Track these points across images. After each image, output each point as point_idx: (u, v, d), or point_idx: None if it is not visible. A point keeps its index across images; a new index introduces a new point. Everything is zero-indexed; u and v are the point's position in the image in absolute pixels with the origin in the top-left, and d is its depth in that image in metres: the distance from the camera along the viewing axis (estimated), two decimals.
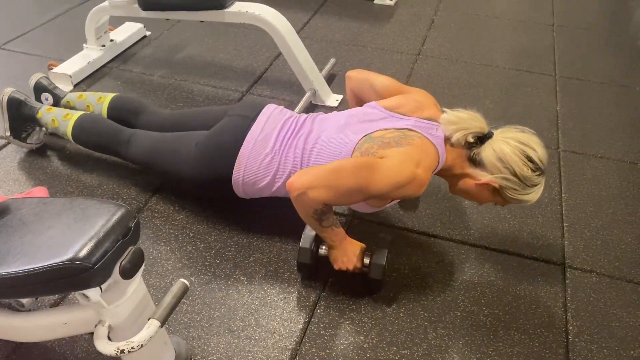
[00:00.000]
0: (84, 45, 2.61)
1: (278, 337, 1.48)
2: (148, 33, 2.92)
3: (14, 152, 2.06)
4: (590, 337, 1.52)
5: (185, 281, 1.18)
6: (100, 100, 2.00)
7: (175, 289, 1.16)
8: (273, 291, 1.60)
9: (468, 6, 3.40)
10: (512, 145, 1.47)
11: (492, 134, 1.53)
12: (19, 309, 1.37)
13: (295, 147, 1.61)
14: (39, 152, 2.06)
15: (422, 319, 1.55)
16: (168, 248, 1.71)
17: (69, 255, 1.03)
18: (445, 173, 1.59)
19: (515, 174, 1.47)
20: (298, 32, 2.46)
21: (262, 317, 1.53)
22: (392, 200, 1.59)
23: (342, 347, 1.46)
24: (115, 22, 2.78)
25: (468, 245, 1.79)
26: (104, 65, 2.62)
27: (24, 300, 1.37)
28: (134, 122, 1.93)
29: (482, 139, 1.52)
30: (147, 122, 1.91)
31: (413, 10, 3.34)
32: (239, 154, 1.63)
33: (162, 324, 1.11)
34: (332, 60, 2.66)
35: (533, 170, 1.47)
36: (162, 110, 1.97)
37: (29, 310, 1.38)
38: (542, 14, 3.36)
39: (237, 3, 2.32)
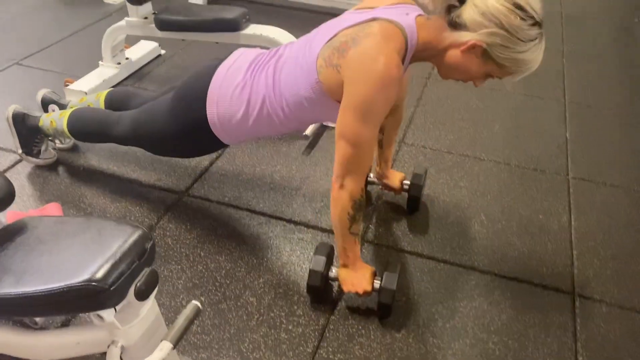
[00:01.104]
0: (100, 62, 2.65)
1: None
2: (163, 52, 2.96)
3: (29, 168, 2.08)
4: None
5: (197, 303, 1.18)
6: (98, 97, 2.05)
7: (187, 311, 1.17)
8: (282, 313, 1.60)
9: None
10: None
11: None
12: (31, 327, 1.38)
13: (266, 72, 1.54)
14: (52, 168, 2.09)
15: (432, 346, 1.54)
16: (179, 267, 1.72)
17: (85, 276, 1.04)
18: (427, 53, 1.43)
19: (502, 26, 1.29)
20: None
21: (271, 339, 1.53)
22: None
23: None
24: (131, 40, 2.82)
25: (477, 271, 1.79)
26: (119, 83, 2.65)
27: (37, 318, 1.38)
28: (127, 107, 1.94)
29: None
30: (137, 104, 1.91)
31: None
32: (209, 89, 1.57)
33: (175, 346, 1.12)
34: None
35: (523, 19, 1.29)
36: (153, 93, 1.97)
37: (41, 327, 1.39)
38: (552, 40, 3.39)
39: (251, 26, 2.35)
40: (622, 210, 2.09)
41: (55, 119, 1.94)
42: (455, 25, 1.36)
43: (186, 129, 1.64)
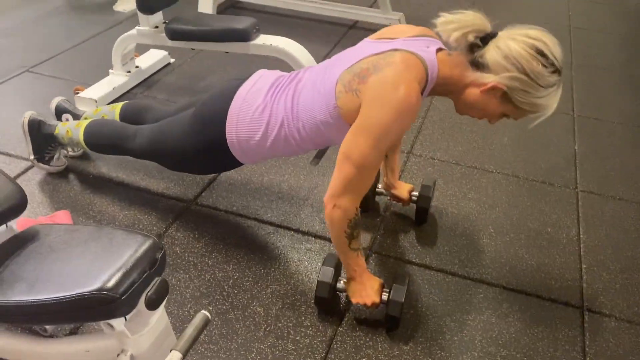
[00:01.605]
0: (110, 70, 2.67)
1: None
2: (172, 60, 2.98)
3: (39, 175, 2.10)
4: None
5: (206, 313, 1.18)
6: (112, 108, 2.06)
7: (197, 320, 1.17)
8: (290, 324, 1.60)
9: None
10: (519, 40, 1.32)
11: (497, 33, 1.37)
12: (41, 334, 1.38)
13: (285, 95, 1.56)
14: (62, 175, 2.10)
15: (439, 359, 1.54)
16: (187, 276, 1.73)
17: (96, 285, 1.04)
18: (446, 88, 1.45)
19: (524, 72, 1.31)
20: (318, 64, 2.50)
21: (278, 350, 1.53)
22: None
23: None
24: (141, 48, 2.85)
25: (486, 284, 1.78)
26: (128, 91, 2.67)
27: (47, 326, 1.39)
28: (143, 121, 1.95)
29: (485, 39, 1.36)
30: (154, 118, 1.93)
31: None
32: (230, 109, 1.59)
33: (184, 356, 1.12)
34: None
35: (545, 66, 1.31)
36: (167, 107, 1.98)
37: (51, 335, 1.39)
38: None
39: (261, 36, 2.37)
40: (631, 223, 2.08)
41: (72, 129, 1.96)
42: (477, 65, 1.38)
43: (204, 147, 1.66)
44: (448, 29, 1.36)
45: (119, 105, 2.05)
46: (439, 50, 1.44)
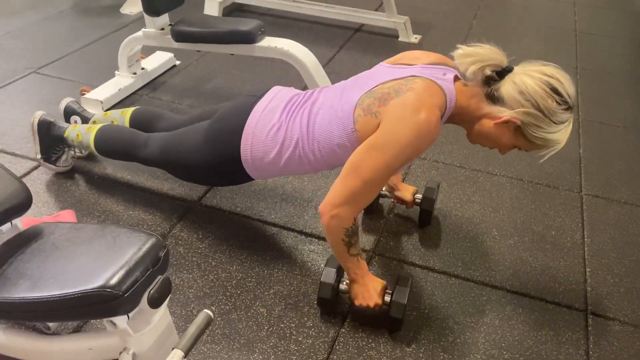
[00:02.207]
0: (116, 72, 2.69)
1: None
2: (178, 62, 3.00)
3: (44, 175, 2.11)
4: None
5: (209, 312, 1.19)
6: (123, 114, 2.06)
7: (199, 320, 1.17)
8: (292, 325, 1.60)
9: None
10: (535, 77, 1.36)
11: (512, 67, 1.42)
12: (45, 332, 1.39)
13: (301, 115, 1.57)
14: (67, 175, 2.11)
15: None
16: (190, 276, 1.73)
17: (100, 282, 1.05)
18: (461, 117, 1.49)
19: (538, 108, 1.35)
20: (323, 67, 2.51)
21: (280, 351, 1.53)
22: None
23: None
24: (147, 50, 2.86)
25: (489, 286, 1.78)
26: (134, 93, 2.68)
27: (51, 323, 1.39)
28: (153, 129, 1.96)
29: (501, 73, 1.41)
30: (164, 127, 1.94)
31: (437, 49, 3.36)
32: (245, 127, 1.61)
33: (186, 355, 1.12)
34: None
35: (559, 104, 1.35)
36: (179, 116, 2.00)
37: (54, 333, 1.40)
38: (565, 57, 3.39)
39: (266, 38, 2.38)
40: (635, 227, 2.07)
41: (82, 133, 1.97)
42: (493, 98, 1.41)
43: (218, 162, 1.67)
44: (466, 62, 1.40)
45: (129, 111, 2.06)
46: (456, 79, 1.47)
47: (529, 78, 1.36)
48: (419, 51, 1.59)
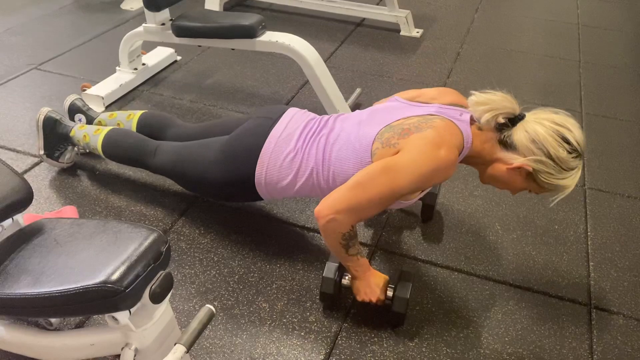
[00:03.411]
0: (117, 68, 2.68)
1: None
2: (179, 58, 2.99)
3: (46, 171, 2.11)
4: None
5: (211, 307, 1.18)
6: (129, 117, 2.05)
7: (201, 315, 1.17)
8: (295, 320, 1.60)
9: (494, 40, 3.43)
10: (546, 126, 1.41)
11: (524, 115, 1.46)
12: (47, 328, 1.39)
13: (317, 144, 1.59)
14: (69, 171, 2.11)
15: (445, 355, 1.53)
16: (192, 272, 1.73)
17: (101, 278, 1.05)
18: (475, 159, 1.53)
19: (549, 156, 1.40)
20: (325, 61, 2.50)
21: (283, 345, 1.52)
22: (423, 190, 1.57)
23: None
24: (147, 46, 2.85)
25: (492, 281, 1.77)
26: (135, 88, 2.68)
27: (52, 319, 1.39)
28: (162, 136, 1.96)
29: (514, 120, 1.46)
30: (174, 135, 1.94)
31: (439, 43, 3.37)
32: (262, 152, 1.63)
33: (188, 350, 1.12)
34: (358, 90, 2.69)
35: (569, 152, 1.40)
36: (189, 124, 2.00)
37: (56, 329, 1.40)
38: (568, 50, 3.37)
39: (267, 33, 2.37)
40: (639, 221, 2.06)
41: (89, 135, 1.97)
42: (505, 144, 1.47)
43: (230, 181, 1.69)
44: (480, 109, 1.46)
45: (136, 115, 2.05)
46: (472, 121, 1.51)
47: (541, 127, 1.41)
48: (435, 90, 1.63)
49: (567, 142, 1.40)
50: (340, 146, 1.55)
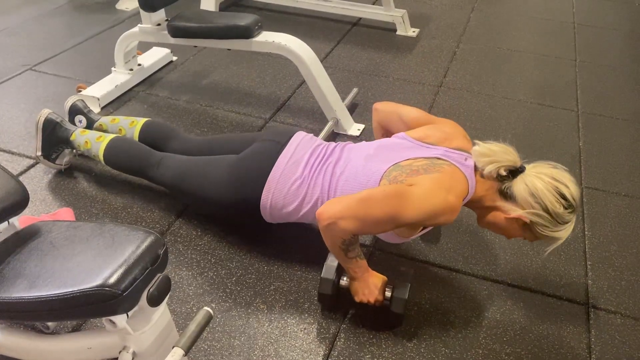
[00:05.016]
0: (112, 68, 2.67)
1: None
2: (175, 58, 2.98)
3: (42, 173, 2.09)
4: None
5: (209, 310, 1.18)
6: (132, 125, 2.04)
7: (199, 317, 1.16)
8: (293, 321, 1.60)
9: (490, 40, 3.43)
10: (545, 181, 1.46)
11: (525, 168, 1.52)
12: (44, 331, 1.38)
13: (324, 174, 1.62)
14: (66, 173, 2.10)
15: (443, 356, 1.53)
16: (190, 273, 1.72)
17: (98, 281, 1.04)
18: (475, 204, 1.58)
19: (547, 210, 1.45)
20: (321, 61, 2.49)
21: (281, 347, 1.52)
22: (422, 230, 1.59)
23: None
24: (143, 46, 2.84)
25: (490, 281, 1.77)
26: (131, 89, 2.67)
27: (49, 323, 1.38)
28: (165, 147, 1.96)
29: (514, 172, 1.51)
30: (177, 147, 1.94)
31: (435, 42, 3.37)
32: (269, 178, 1.65)
33: (186, 353, 1.11)
34: (355, 90, 2.69)
35: (565, 208, 1.45)
36: (192, 137, 2.00)
37: (53, 332, 1.39)
38: (564, 49, 3.38)
39: (263, 33, 2.36)
40: (636, 220, 2.07)
41: (91, 141, 1.96)
42: (505, 195, 1.52)
43: (235, 202, 1.70)
44: (483, 160, 1.53)
45: (139, 123, 2.04)
46: (475, 167, 1.56)
47: (540, 181, 1.46)
48: (445, 130, 1.64)
49: (564, 198, 1.45)
50: (347, 178, 1.59)
